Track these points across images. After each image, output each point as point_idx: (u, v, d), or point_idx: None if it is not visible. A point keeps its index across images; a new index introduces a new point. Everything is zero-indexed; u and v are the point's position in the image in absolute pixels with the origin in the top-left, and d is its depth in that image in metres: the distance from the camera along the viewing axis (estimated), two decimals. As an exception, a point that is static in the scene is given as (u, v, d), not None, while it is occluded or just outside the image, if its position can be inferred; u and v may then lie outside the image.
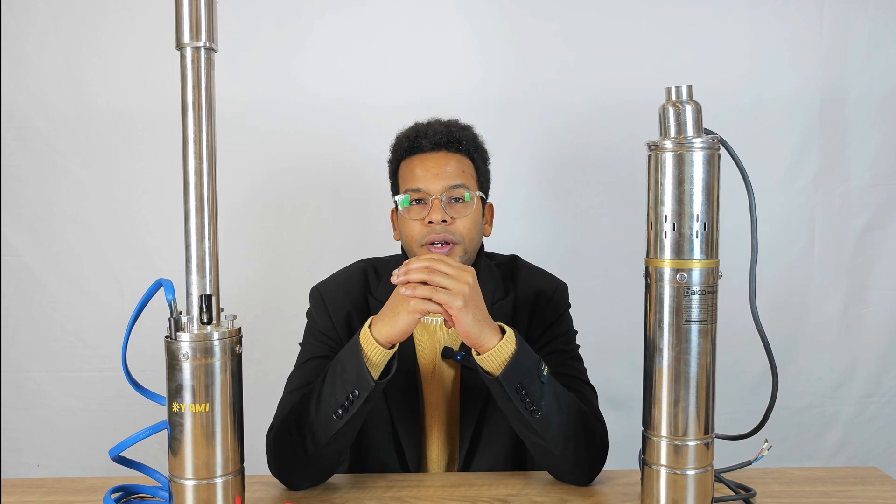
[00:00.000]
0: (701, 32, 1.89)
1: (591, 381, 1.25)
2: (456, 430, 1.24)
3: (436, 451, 1.25)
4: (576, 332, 1.30)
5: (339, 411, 1.01)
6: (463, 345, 1.24)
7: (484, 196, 1.28)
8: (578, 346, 1.29)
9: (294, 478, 1.10)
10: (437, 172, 1.19)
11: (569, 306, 1.31)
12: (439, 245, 1.17)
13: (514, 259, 1.35)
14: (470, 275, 1.00)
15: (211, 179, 0.85)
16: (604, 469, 1.17)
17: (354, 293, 1.27)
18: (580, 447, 1.07)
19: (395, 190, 1.28)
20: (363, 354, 1.00)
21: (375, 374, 1.01)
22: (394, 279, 1.00)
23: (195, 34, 0.82)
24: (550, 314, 1.25)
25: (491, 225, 1.33)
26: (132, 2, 1.86)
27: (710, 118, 0.89)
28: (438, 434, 1.24)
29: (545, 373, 1.03)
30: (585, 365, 1.27)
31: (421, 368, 1.24)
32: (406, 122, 1.31)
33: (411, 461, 1.22)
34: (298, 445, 1.05)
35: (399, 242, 1.28)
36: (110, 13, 1.87)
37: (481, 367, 1.02)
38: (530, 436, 1.06)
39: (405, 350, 1.23)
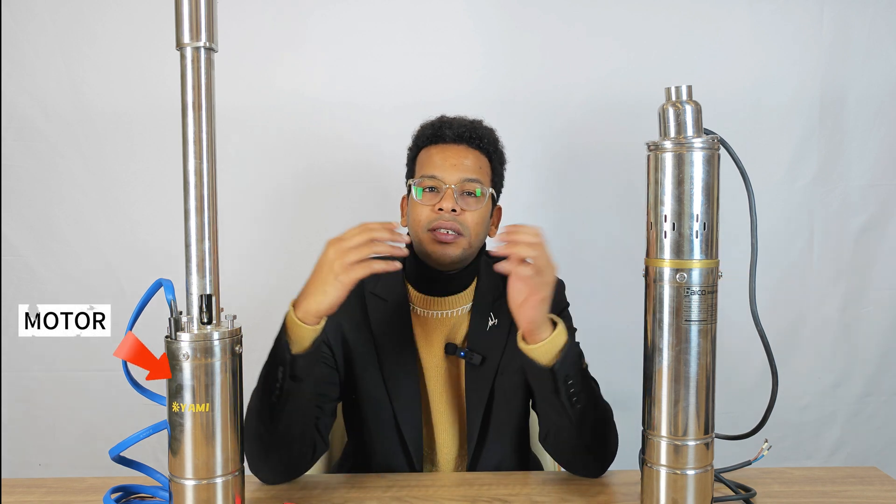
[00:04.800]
0: (701, 32, 1.89)
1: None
2: (464, 427, 1.24)
3: (445, 447, 1.25)
4: (575, 329, 1.30)
5: (274, 393, 1.00)
6: (465, 339, 1.24)
7: (495, 196, 1.29)
8: (578, 343, 1.28)
9: (263, 470, 1.08)
10: (454, 163, 1.20)
11: (567, 304, 1.31)
12: (445, 232, 1.17)
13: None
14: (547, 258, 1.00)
15: (211, 179, 0.85)
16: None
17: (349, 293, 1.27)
18: (601, 438, 1.10)
19: (411, 175, 1.28)
20: (287, 334, 0.98)
21: (297, 350, 0.99)
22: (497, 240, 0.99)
23: (195, 34, 0.82)
24: (552, 310, 1.24)
25: (497, 227, 1.33)
26: (132, 2, 1.86)
27: (710, 118, 0.89)
28: (446, 431, 1.25)
29: (585, 366, 1.07)
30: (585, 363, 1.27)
31: (423, 365, 1.24)
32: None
33: (416, 460, 1.22)
34: (254, 432, 1.03)
35: (406, 228, 1.28)
36: (110, 13, 1.87)
37: (531, 358, 1.01)
38: (566, 426, 1.05)
39: (406, 345, 1.23)
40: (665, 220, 0.88)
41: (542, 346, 1.00)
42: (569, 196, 1.93)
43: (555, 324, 1.02)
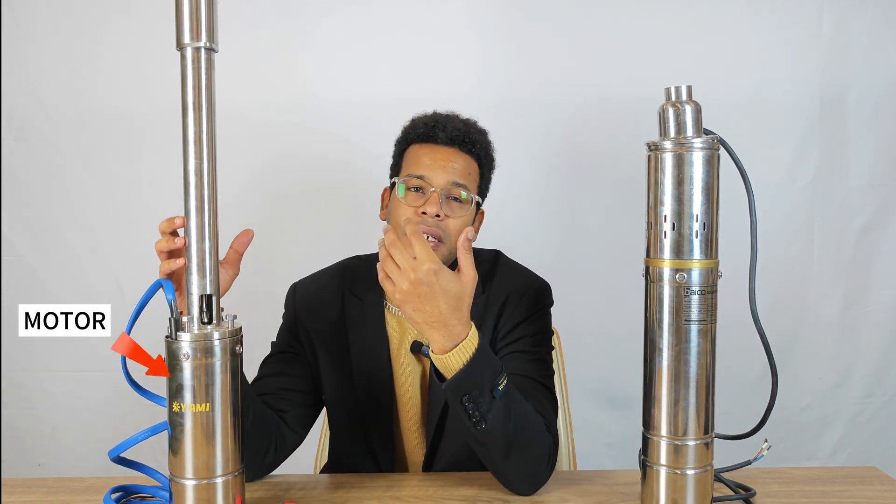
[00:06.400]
0: (701, 32, 1.89)
1: (591, 382, 1.24)
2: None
3: (410, 447, 1.24)
4: (552, 332, 1.26)
5: None
6: None
7: (480, 202, 1.27)
8: (552, 349, 1.24)
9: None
10: (444, 166, 1.18)
11: (546, 306, 1.25)
12: (426, 238, 1.16)
13: (497, 256, 1.32)
14: (421, 271, 0.92)
15: (211, 179, 0.85)
16: (604, 469, 1.17)
17: (329, 292, 1.27)
18: (522, 460, 1.03)
19: (396, 170, 1.25)
20: None
21: None
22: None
23: (195, 34, 0.82)
24: (520, 314, 1.21)
25: (477, 232, 1.30)
26: (132, 2, 1.86)
27: (710, 118, 0.89)
28: (412, 430, 1.24)
29: (502, 387, 0.96)
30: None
31: (396, 364, 1.23)
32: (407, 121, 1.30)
33: (382, 460, 1.22)
34: None
35: (384, 222, 1.26)
36: (110, 13, 1.87)
37: (435, 367, 0.98)
38: (472, 442, 1.02)
39: (379, 345, 1.22)
40: (665, 221, 0.88)
41: (441, 360, 0.96)
42: (568, 196, 1.93)
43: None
